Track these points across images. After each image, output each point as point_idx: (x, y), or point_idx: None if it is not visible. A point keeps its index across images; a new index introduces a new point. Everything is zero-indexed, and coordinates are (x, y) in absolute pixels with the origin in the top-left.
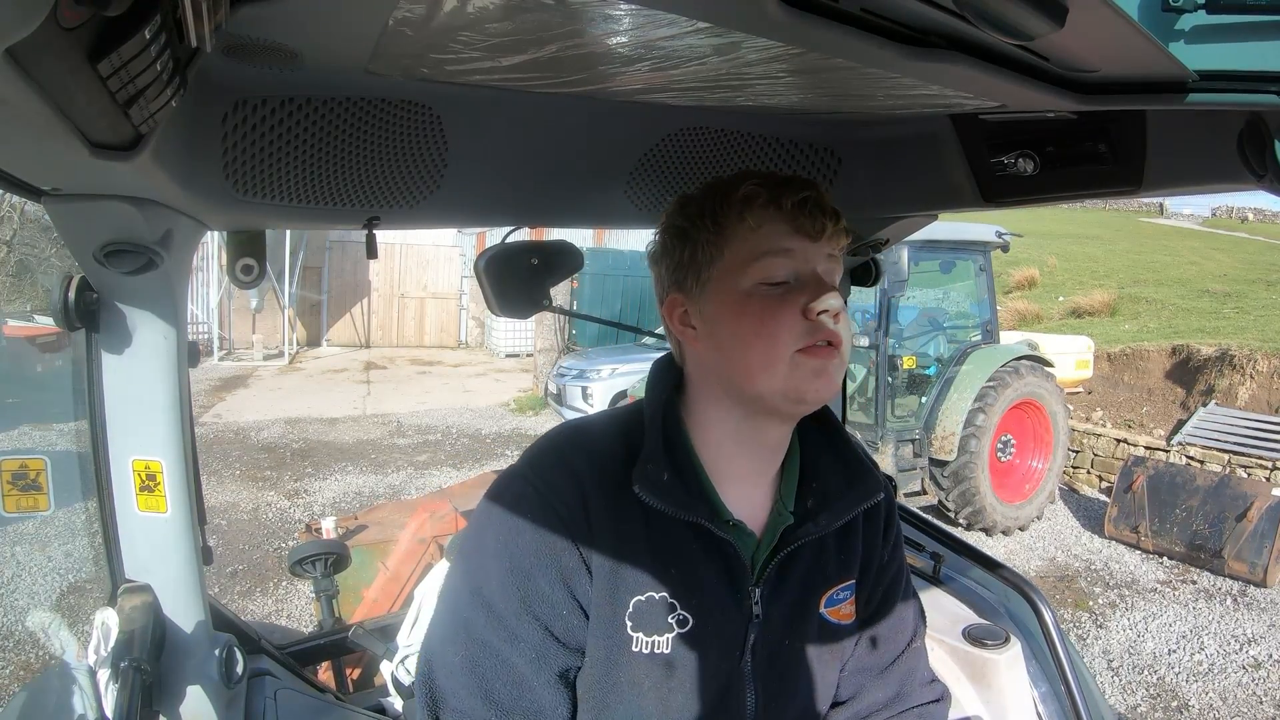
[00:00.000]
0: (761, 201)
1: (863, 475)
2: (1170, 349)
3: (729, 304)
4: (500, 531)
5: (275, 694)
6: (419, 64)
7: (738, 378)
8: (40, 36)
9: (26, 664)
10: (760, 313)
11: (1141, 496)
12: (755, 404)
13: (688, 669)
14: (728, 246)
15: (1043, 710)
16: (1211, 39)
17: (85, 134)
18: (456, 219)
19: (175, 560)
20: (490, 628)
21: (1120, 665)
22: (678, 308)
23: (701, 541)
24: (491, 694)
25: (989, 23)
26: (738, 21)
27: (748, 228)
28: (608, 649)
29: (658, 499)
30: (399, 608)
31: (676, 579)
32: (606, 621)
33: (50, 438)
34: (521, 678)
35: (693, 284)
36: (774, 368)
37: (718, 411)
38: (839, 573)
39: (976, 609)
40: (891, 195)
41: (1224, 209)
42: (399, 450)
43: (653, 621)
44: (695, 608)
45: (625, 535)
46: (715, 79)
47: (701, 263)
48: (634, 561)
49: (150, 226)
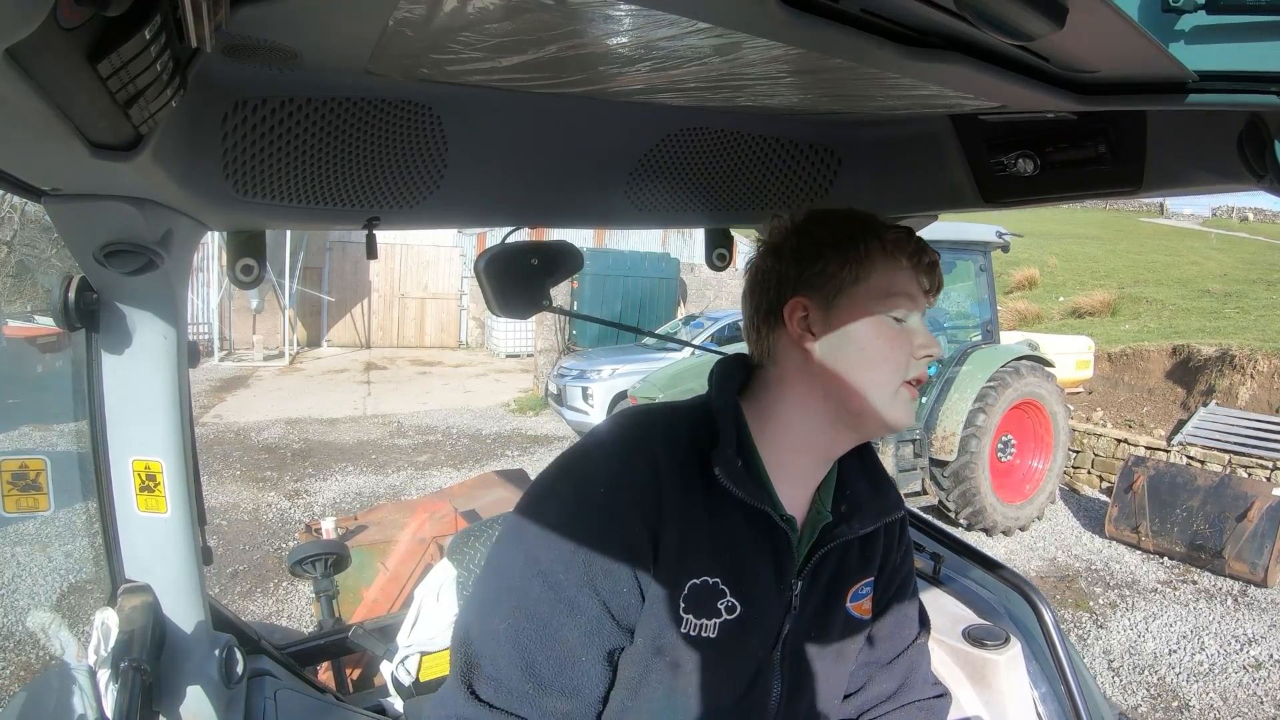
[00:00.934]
0: (909, 251)
1: (888, 490)
2: (1171, 349)
3: (858, 325)
4: (569, 505)
5: (275, 694)
6: (419, 64)
7: (847, 390)
8: (40, 37)
9: (26, 664)
10: (890, 342)
11: (1142, 496)
12: (850, 417)
13: (728, 655)
14: (874, 274)
15: (1043, 710)
16: (1211, 39)
17: (85, 134)
18: (456, 219)
19: (175, 560)
20: (545, 599)
21: (1121, 665)
22: (799, 310)
23: (756, 531)
24: (533, 666)
25: (989, 23)
26: (738, 21)
27: (896, 265)
28: (658, 628)
29: (735, 485)
30: (399, 608)
31: (730, 566)
32: (662, 602)
33: (50, 438)
34: (569, 652)
35: (828, 295)
36: (884, 392)
37: (800, 413)
38: (861, 569)
39: (976, 609)
40: (891, 195)
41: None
42: (399, 451)
43: (704, 606)
44: (744, 596)
45: (691, 520)
46: (715, 79)
47: (843, 279)
48: (696, 546)
49: (150, 227)
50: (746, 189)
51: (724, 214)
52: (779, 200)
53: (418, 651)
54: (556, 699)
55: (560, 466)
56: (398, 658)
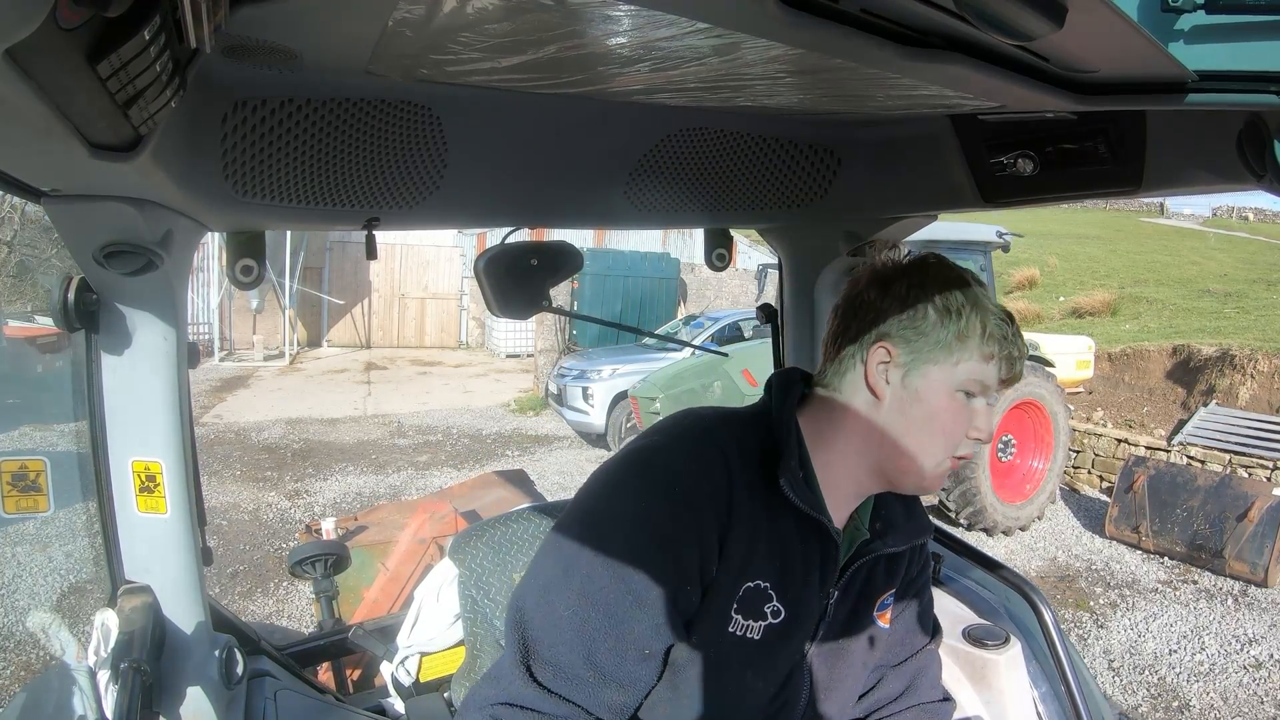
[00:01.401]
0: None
1: (920, 514)
2: (1171, 349)
3: (933, 392)
4: (645, 499)
5: (275, 695)
6: (419, 65)
7: (899, 448)
8: (40, 37)
9: (26, 664)
10: (954, 417)
11: (1142, 496)
12: (892, 471)
13: (767, 656)
14: (963, 356)
15: (1043, 710)
16: (1211, 39)
17: (85, 135)
18: (456, 220)
19: (175, 561)
20: (615, 590)
21: (1121, 665)
22: (883, 355)
23: (808, 541)
24: (594, 655)
25: (989, 23)
26: (738, 22)
27: (985, 355)
28: (709, 627)
29: (798, 496)
30: (399, 608)
31: (781, 572)
32: (719, 601)
33: (50, 438)
34: (633, 644)
35: (918, 353)
36: (932, 460)
37: (851, 447)
38: (886, 582)
39: (976, 609)
40: (891, 195)
41: (1224, 209)
42: (399, 451)
43: (752, 609)
44: (788, 601)
45: (754, 523)
46: (715, 79)
47: (936, 344)
48: (755, 550)
49: (150, 227)
50: (746, 189)
51: (724, 214)
52: (779, 200)
53: (418, 652)
54: (614, 690)
55: (632, 458)
56: (398, 658)
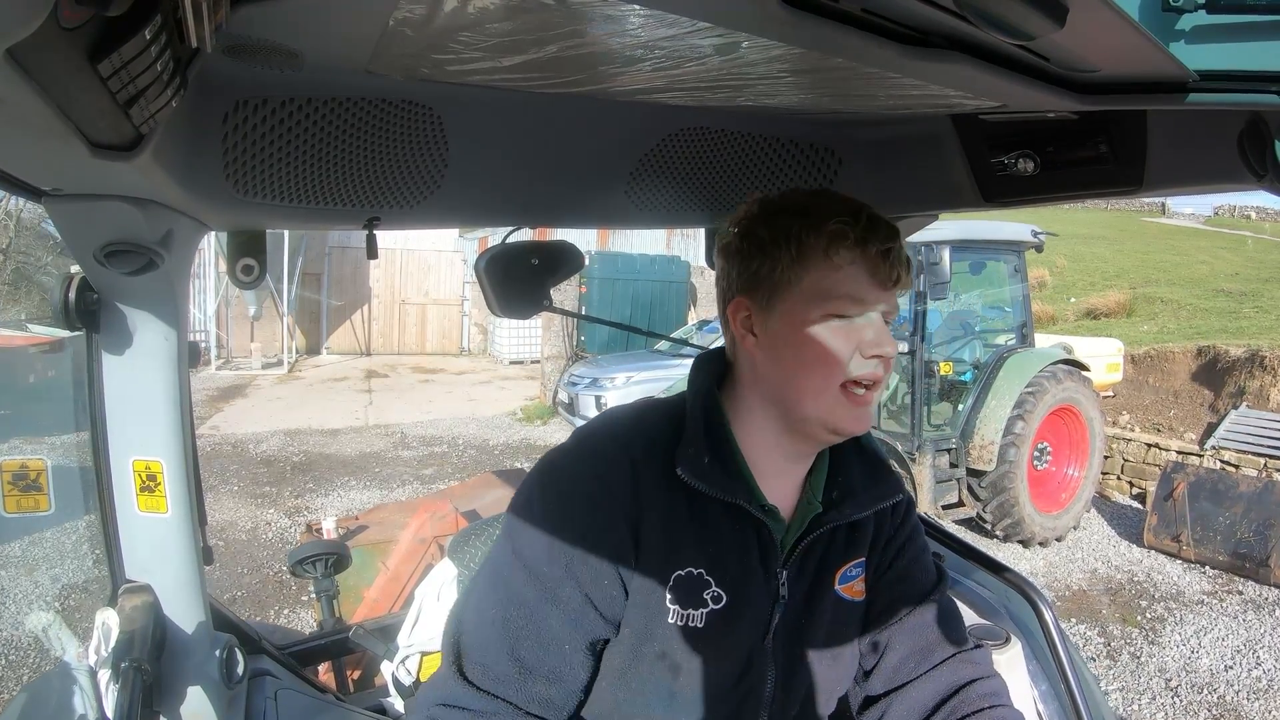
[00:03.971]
0: (849, 243)
1: (885, 476)
2: (1196, 350)
3: (797, 328)
4: (551, 502)
5: (276, 694)
6: (419, 64)
7: (787, 395)
8: (41, 37)
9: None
10: (825, 343)
11: (1182, 504)
12: (797, 423)
13: (715, 645)
14: (808, 275)
15: (1043, 710)
16: (1212, 39)
17: (86, 134)
18: (457, 219)
19: (176, 560)
20: (530, 588)
21: (1179, 685)
22: (742, 310)
23: (739, 524)
24: (517, 651)
25: (989, 23)
26: (738, 21)
27: (832, 265)
28: (645, 620)
29: (699, 480)
30: (399, 608)
31: (715, 557)
32: (648, 593)
33: (41, 451)
34: (552, 639)
35: (764, 296)
36: (823, 396)
37: (760, 413)
38: (848, 551)
39: (977, 609)
40: (892, 195)
41: (1226, 208)
42: (403, 463)
43: (690, 596)
44: (730, 586)
45: (672, 512)
46: (716, 79)
47: (778, 281)
48: (678, 537)
49: (151, 227)
50: (747, 189)
51: (724, 214)
52: None
53: (418, 651)
54: (540, 684)
55: (544, 467)
56: (398, 658)
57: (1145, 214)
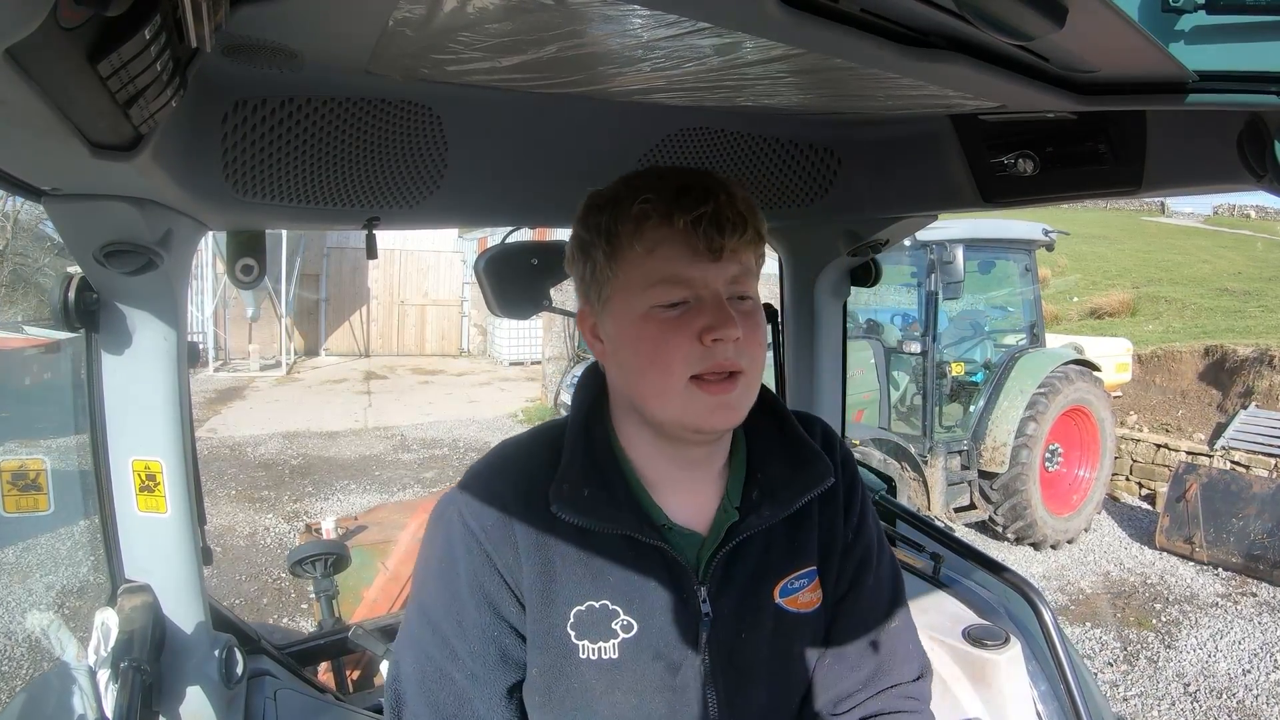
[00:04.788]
0: (654, 222)
1: (810, 461)
2: (1203, 349)
3: (625, 326)
4: (438, 556)
5: (275, 694)
6: (419, 64)
7: (639, 400)
8: (40, 37)
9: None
10: (655, 338)
11: (1195, 506)
12: (659, 428)
13: (637, 673)
14: (621, 269)
15: (1042, 710)
16: (1211, 39)
17: (85, 134)
18: (456, 219)
19: (175, 560)
20: (434, 643)
21: (1198, 690)
22: (587, 319)
23: (636, 549)
24: (437, 703)
25: (989, 23)
26: (738, 21)
27: (641, 251)
28: (554, 660)
29: (576, 515)
30: (399, 608)
31: (616, 586)
32: (545, 635)
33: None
34: (462, 692)
35: (595, 300)
36: (668, 395)
37: (635, 426)
38: (791, 561)
39: (976, 609)
40: (891, 195)
41: (1225, 207)
42: (404, 466)
43: (596, 629)
44: (639, 613)
45: (555, 551)
46: (715, 79)
47: (601, 280)
48: (568, 574)
49: (150, 227)
50: (747, 189)
51: None
52: (779, 200)
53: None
54: None
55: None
56: None
57: (1145, 213)
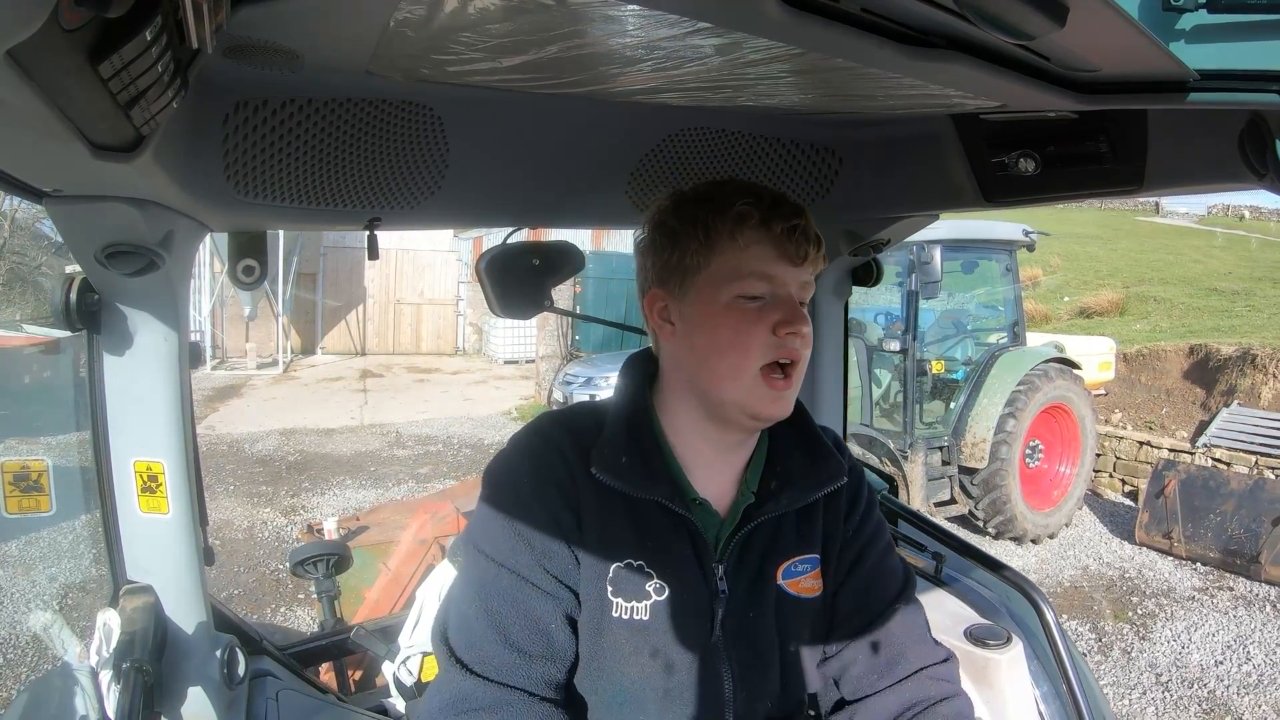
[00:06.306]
0: (754, 223)
1: (825, 460)
2: (1188, 349)
3: (708, 311)
4: (503, 504)
5: (277, 695)
6: (420, 65)
7: (705, 381)
8: (41, 38)
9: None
10: (736, 325)
11: (1174, 501)
12: (717, 409)
13: (665, 638)
14: (715, 258)
15: (1044, 710)
16: (1212, 38)
17: (86, 135)
18: (457, 220)
19: (176, 561)
20: (504, 576)
21: (1170, 680)
22: (658, 302)
23: (669, 519)
24: (511, 637)
25: (989, 23)
26: (738, 22)
27: (737, 246)
28: (594, 614)
29: (614, 478)
30: (400, 609)
31: (654, 550)
32: (593, 583)
33: (37, 454)
34: (539, 617)
35: (676, 285)
36: (740, 379)
37: (684, 406)
38: (796, 546)
39: (978, 609)
40: (892, 195)
41: (1219, 207)
42: (399, 462)
43: (631, 588)
44: (671, 578)
45: (608, 506)
46: (716, 79)
47: (688, 267)
48: (616, 529)
49: (151, 228)
50: None
51: None
52: None
53: (419, 652)
54: (543, 665)
55: (491, 472)
56: (400, 658)
57: (1139, 213)
